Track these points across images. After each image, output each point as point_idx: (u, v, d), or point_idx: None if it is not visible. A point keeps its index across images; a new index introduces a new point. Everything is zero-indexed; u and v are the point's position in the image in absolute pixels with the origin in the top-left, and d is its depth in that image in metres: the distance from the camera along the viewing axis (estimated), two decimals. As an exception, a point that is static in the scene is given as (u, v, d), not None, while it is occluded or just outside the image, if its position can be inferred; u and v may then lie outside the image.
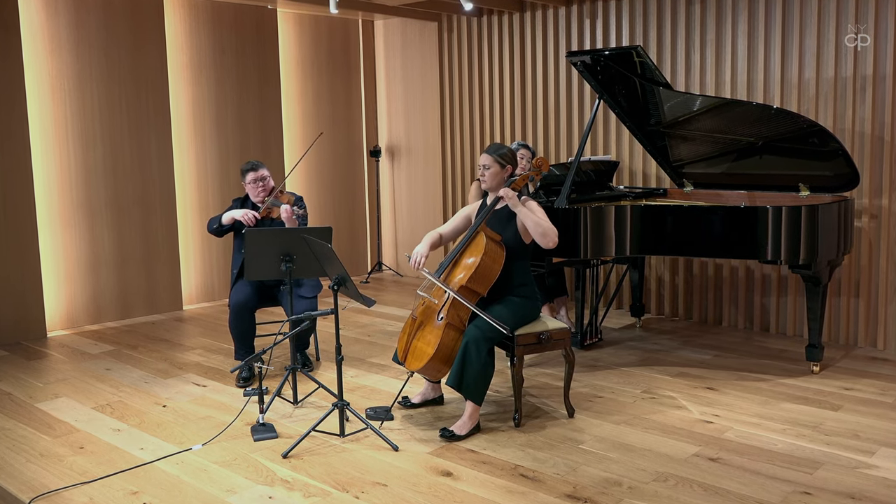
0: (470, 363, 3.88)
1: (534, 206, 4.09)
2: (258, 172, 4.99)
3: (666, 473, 3.53)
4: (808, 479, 3.46)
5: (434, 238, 4.26)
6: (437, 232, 4.32)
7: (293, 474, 3.58)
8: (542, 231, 3.97)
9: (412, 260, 4.10)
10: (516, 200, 4.04)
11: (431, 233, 4.29)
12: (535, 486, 3.42)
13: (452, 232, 4.35)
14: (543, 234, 3.97)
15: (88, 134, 6.33)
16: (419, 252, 4.11)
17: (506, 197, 4.05)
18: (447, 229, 4.35)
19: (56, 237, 6.26)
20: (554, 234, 3.98)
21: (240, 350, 4.92)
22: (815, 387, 4.66)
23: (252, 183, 4.98)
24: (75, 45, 6.22)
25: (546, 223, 4.00)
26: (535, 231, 3.98)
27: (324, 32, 7.95)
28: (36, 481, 3.56)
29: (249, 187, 5.00)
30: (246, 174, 4.99)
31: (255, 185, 4.98)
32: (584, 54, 5.19)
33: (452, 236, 4.37)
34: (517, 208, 4.03)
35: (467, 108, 7.63)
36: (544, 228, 3.98)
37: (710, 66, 5.98)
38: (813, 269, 4.75)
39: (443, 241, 4.33)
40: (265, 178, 5.00)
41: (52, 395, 4.74)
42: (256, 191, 4.99)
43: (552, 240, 3.97)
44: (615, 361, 5.22)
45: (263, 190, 5.00)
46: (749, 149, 5.23)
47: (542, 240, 3.98)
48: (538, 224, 3.98)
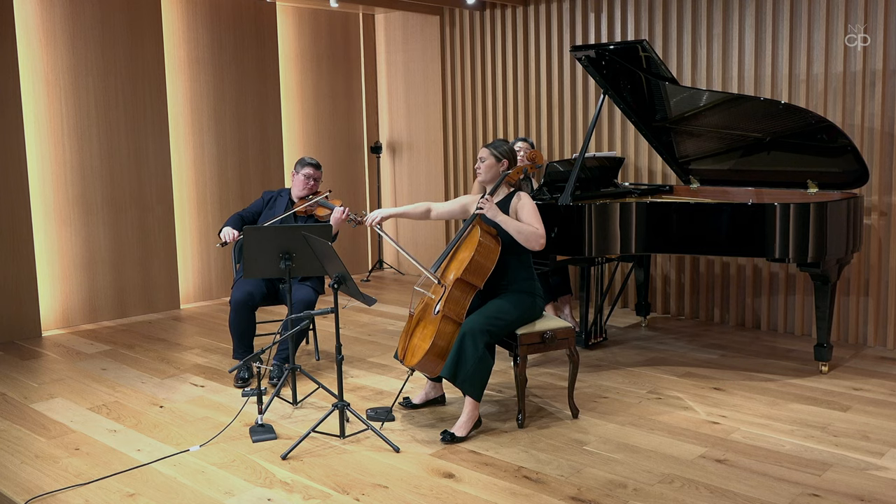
0: (465, 354, 3.87)
1: (525, 205, 4.09)
2: (317, 171, 5.16)
3: (672, 475, 3.53)
4: (817, 481, 3.45)
5: (423, 207, 4.41)
6: (428, 203, 4.46)
7: (292, 476, 3.58)
8: (524, 237, 4.00)
9: (369, 217, 4.29)
10: (495, 210, 4.05)
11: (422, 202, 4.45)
12: (538, 488, 3.42)
13: (446, 213, 4.45)
14: (526, 241, 4.00)
15: (84, 130, 6.33)
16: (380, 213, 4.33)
17: (484, 207, 4.06)
18: (440, 208, 4.45)
19: (51, 234, 6.26)
20: (538, 238, 3.98)
21: (238, 349, 4.92)
22: (824, 387, 4.66)
23: (305, 177, 5.11)
24: (70, 38, 6.22)
25: (528, 228, 4.00)
26: (517, 238, 4.01)
27: (323, 26, 7.95)
28: (31, 483, 3.56)
29: (301, 180, 5.13)
30: (305, 167, 5.13)
31: (307, 180, 5.12)
32: (589, 49, 5.18)
33: (443, 216, 4.48)
34: (497, 217, 4.04)
35: (470, 103, 7.62)
36: (526, 235, 3.99)
37: (717, 61, 5.97)
38: (821, 268, 4.74)
39: (431, 214, 4.44)
40: (319, 179, 5.19)
41: (48, 395, 4.74)
42: (307, 184, 5.13)
43: (538, 243, 3.99)
44: (620, 361, 5.21)
45: (313, 188, 5.16)
46: (756, 145, 5.22)
47: (526, 244, 4.01)
48: (519, 230, 4.00)
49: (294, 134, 7.81)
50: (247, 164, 7.32)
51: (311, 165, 5.15)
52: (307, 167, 5.14)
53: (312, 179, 5.13)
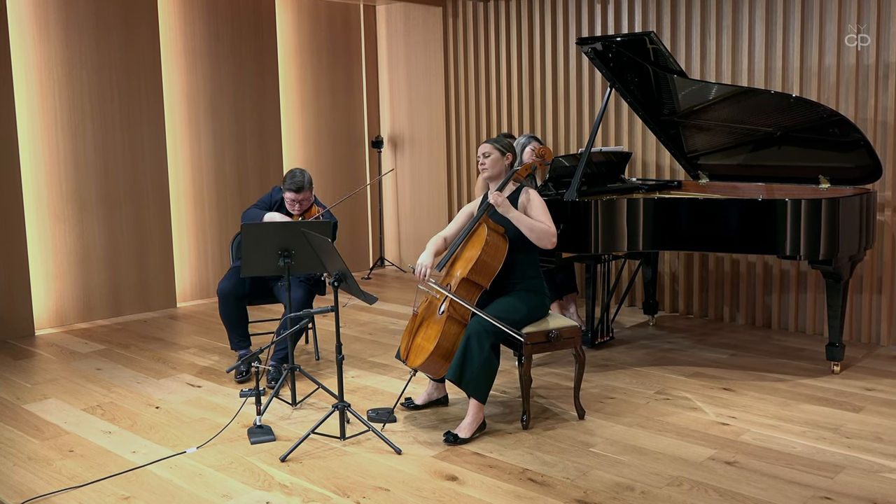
0: (471, 356, 3.87)
1: (534, 201, 4.08)
2: (299, 195, 4.79)
3: (680, 478, 3.52)
4: (829, 484, 3.44)
5: (438, 244, 4.25)
6: (440, 236, 4.30)
7: (292, 479, 3.58)
8: (536, 236, 3.99)
9: (417, 272, 4.11)
10: (507, 206, 4.03)
11: (435, 238, 4.28)
12: (543, 491, 3.41)
13: (457, 233, 4.31)
14: (538, 239, 3.99)
15: (78, 123, 6.32)
16: (423, 263, 4.10)
17: (495, 204, 4.04)
18: (451, 231, 4.32)
19: (44, 231, 6.26)
20: (550, 236, 3.98)
21: (233, 338, 4.95)
22: (836, 387, 4.65)
23: (290, 201, 4.84)
24: (64, 29, 6.21)
25: (540, 226, 3.99)
26: (529, 235, 4.00)
27: (324, 18, 7.94)
28: (24, 486, 3.56)
29: (287, 201, 4.85)
30: (286, 191, 4.81)
31: (292, 204, 4.84)
32: (596, 41, 5.18)
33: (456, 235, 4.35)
34: (509, 214, 4.02)
35: (473, 96, 7.62)
36: (538, 233, 3.98)
37: (727, 53, 5.96)
38: (833, 265, 4.73)
39: (447, 245, 4.30)
40: (305, 201, 4.84)
41: (41, 395, 4.74)
42: (292, 208, 4.87)
43: (550, 241, 3.98)
44: (627, 361, 5.21)
45: (300, 210, 4.90)
46: (767, 139, 5.21)
47: (538, 242, 4.00)
48: (531, 227, 3.99)
49: (293, 128, 7.80)
50: (245, 160, 7.32)
51: (290, 190, 4.79)
52: (287, 192, 4.80)
53: (297, 203, 4.83)
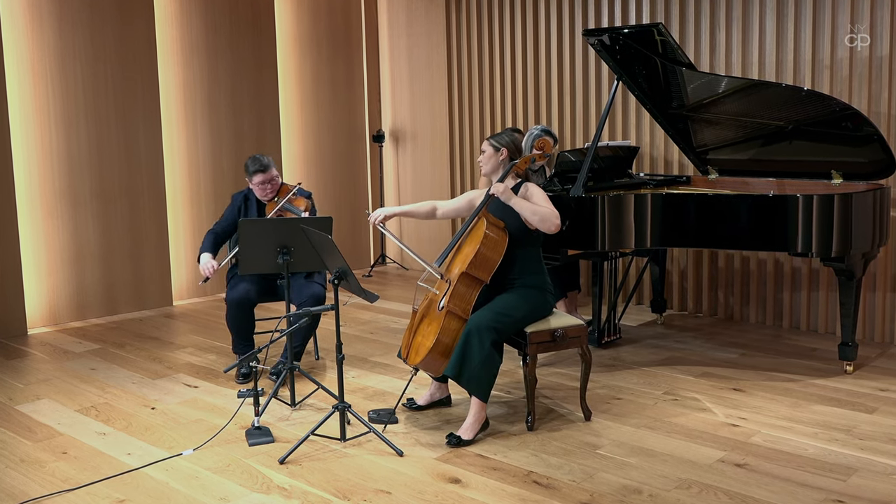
0: (471, 353, 3.87)
1: (535, 191, 4.11)
2: (267, 174, 4.82)
3: (689, 480, 3.52)
4: (841, 487, 3.44)
5: (420, 206, 4.42)
6: (432, 203, 4.46)
7: (291, 481, 3.58)
8: (539, 218, 3.99)
9: (372, 217, 4.28)
10: (509, 193, 4.05)
11: (426, 202, 4.46)
12: (549, 494, 3.41)
13: (452, 210, 4.45)
14: (542, 220, 3.99)
15: (72, 118, 6.32)
16: (383, 211, 4.31)
17: (496, 192, 4.07)
18: (446, 206, 4.46)
19: (37, 228, 6.26)
20: (554, 218, 3.98)
21: (238, 344, 4.93)
22: (849, 388, 4.65)
23: (260, 185, 4.85)
24: (58, 21, 6.21)
25: (543, 208, 4.00)
26: (532, 219, 4.01)
27: (323, 9, 7.93)
28: (16, 489, 3.56)
29: (256, 188, 4.87)
30: (253, 175, 4.84)
31: (264, 186, 4.86)
32: (602, 32, 5.18)
33: (450, 214, 4.48)
34: (510, 201, 4.04)
35: (477, 89, 7.61)
36: (541, 215, 3.98)
37: (737, 46, 5.95)
38: (846, 262, 4.72)
39: (437, 214, 4.44)
40: (274, 179, 4.87)
41: (34, 396, 4.75)
42: (265, 192, 4.88)
43: (553, 223, 3.97)
44: (635, 360, 5.20)
45: (272, 191, 4.89)
46: (778, 133, 5.20)
47: (541, 226, 4.00)
48: (534, 211, 3.99)
49: (292, 122, 7.80)
50: (243, 154, 7.29)
51: (259, 172, 4.81)
52: (255, 174, 4.81)
53: (268, 183, 4.84)
